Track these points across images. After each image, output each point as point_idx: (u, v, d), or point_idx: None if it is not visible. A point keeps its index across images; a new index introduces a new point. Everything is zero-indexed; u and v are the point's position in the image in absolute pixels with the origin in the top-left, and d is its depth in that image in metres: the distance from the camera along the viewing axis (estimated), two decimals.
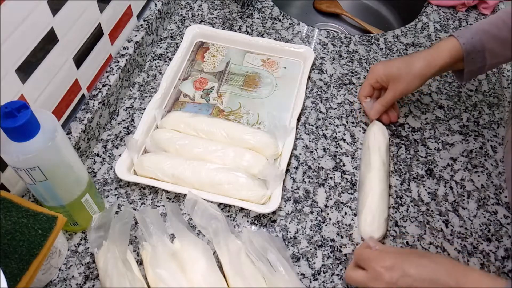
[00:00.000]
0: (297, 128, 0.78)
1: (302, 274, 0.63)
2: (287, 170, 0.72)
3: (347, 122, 0.80)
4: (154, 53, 0.89)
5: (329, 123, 0.79)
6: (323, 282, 0.62)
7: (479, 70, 0.71)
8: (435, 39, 0.94)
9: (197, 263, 0.59)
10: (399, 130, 0.79)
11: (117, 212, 0.66)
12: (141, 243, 0.62)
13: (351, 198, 0.70)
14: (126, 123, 0.78)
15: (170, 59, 0.88)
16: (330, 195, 0.71)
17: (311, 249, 0.65)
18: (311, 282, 0.62)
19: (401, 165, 0.75)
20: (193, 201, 0.62)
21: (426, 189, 0.72)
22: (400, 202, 0.70)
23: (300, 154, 0.75)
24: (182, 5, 0.98)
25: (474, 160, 0.76)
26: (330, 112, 0.81)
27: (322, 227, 0.67)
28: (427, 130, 0.79)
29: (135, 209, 0.68)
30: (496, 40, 0.68)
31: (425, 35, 0.95)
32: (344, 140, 0.77)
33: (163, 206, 0.68)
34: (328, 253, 0.65)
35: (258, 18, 0.96)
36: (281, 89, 0.84)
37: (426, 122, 0.80)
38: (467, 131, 0.79)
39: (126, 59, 0.79)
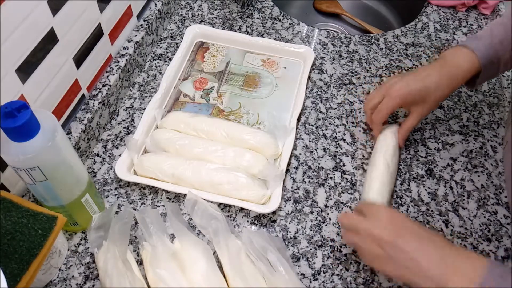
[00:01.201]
0: (297, 128, 0.78)
1: (302, 274, 0.63)
2: (287, 170, 0.72)
3: (347, 122, 0.80)
4: (154, 53, 0.89)
5: (329, 123, 0.79)
6: (323, 282, 0.62)
7: (491, 78, 0.71)
8: (435, 39, 0.94)
9: (197, 263, 0.59)
10: None
11: (117, 212, 0.66)
12: (141, 243, 0.62)
13: (351, 198, 0.70)
14: (126, 123, 0.78)
15: (170, 59, 0.88)
16: (330, 195, 0.71)
17: (311, 249, 0.65)
18: (311, 282, 0.62)
19: (401, 165, 0.74)
20: (193, 201, 0.62)
21: (426, 189, 0.72)
22: (400, 202, 0.70)
23: (300, 154, 0.75)
24: (182, 5, 0.98)
25: (474, 160, 0.76)
26: (330, 112, 0.81)
27: (322, 227, 0.67)
28: (427, 130, 0.79)
29: (135, 209, 0.68)
30: (509, 48, 0.67)
31: (425, 35, 0.95)
32: (344, 140, 0.77)
33: (163, 206, 0.68)
34: (328, 253, 0.65)
35: (258, 18, 0.96)
36: (281, 89, 0.84)
37: (426, 122, 0.80)
38: (467, 131, 0.79)
39: (126, 59, 0.79)
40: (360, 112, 0.81)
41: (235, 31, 0.93)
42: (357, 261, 0.64)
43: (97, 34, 0.73)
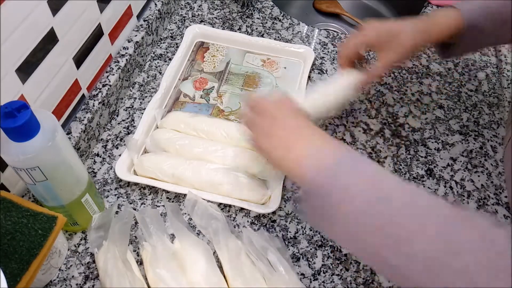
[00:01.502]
0: None
1: (302, 274, 0.63)
2: None
3: (347, 122, 0.80)
4: (154, 53, 0.89)
5: (329, 123, 0.79)
6: (323, 282, 0.62)
7: (470, 48, 0.67)
8: None
9: (197, 263, 0.59)
10: (399, 130, 0.79)
11: (117, 212, 0.66)
12: (141, 243, 0.62)
13: None
14: (126, 123, 0.78)
15: (170, 59, 0.88)
16: None
17: (311, 249, 0.65)
18: (311, 282, 0.62)
19: (401, 165, 0.75)
20: (193, 201, 0.62)
21: (426, 189, 0.72)
22: None
23: None
24: (182, 5, 0.98)
25: (474, 160, 0.76)
26: (330, 112, 0.81)
27: None
28: (427, 130, 0.79)
29: (135, 209, 0.68)
30: (499, 18, 0.62)
31: None
32: (344, 140, 0.77)
33: (163, 206, 0.68)
34: (328, 253, 0.65)
35: (258, 18, 0.96)
36: (281, 89, 0.84)
37: (426, 122, 0.80)
38: (467, 131, 0.79)
39: (126, 59, 0.79)
40: (360, 112, 0.81)
41: (235, 31, 0.93)
42: (357, 261, 0.64)
43: (97, 34, 0.73)
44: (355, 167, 0.46)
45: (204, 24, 0.94)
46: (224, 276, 0.59)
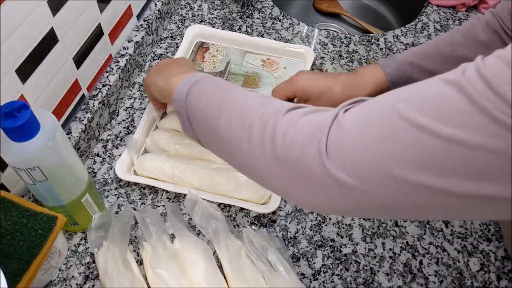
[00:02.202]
0: None
1: (302, 274, 0.63)
2: None
3: None
4: (154, 53, 0.89)
5: None
6: (323, 282, 0.62)
7: None
8: None
9: (197, 263, 0.59)
10: None
11: (117, 212, 0.66)
12: (141, 243, 0.62)
13: None
14: (126, 123, 0.78)
15: None
16: None
17: (311, 249, 0.65)
18: (311, 282, 0.62)
19: None
20: (193, 201, 0.62)
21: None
22: None
23: None
24: (182, 5, 0.98)
25: None
26: None
27: (322, 227, 0.67)
28: None
29: (135, 209, 0.68)
30: (422, 71, 0.65)
31: (425, 35, 0.95)
32: None
33: (163, 206, 0.68)
34: (328, 253, 0.65)
35: (258, 18, 0.96)
36: None
37: None
38: None
39: (126, 59, 0.79)
40: None
41: (235, 31, 0.93)
42: (357, 261, 0.64)
43: (97, 34, 0.73)
44: (209, 80, 0.54)
45: (204, 24, 0.94)
46: (224, 276, 0.60)
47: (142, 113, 0.77)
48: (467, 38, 0.64)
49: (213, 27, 0.93)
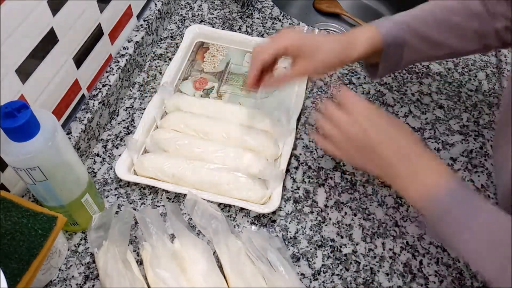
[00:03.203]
0: (297, 128, 0.78)
1: (302, 274, 0.63)
2: (287, 170, 0.72)
3: None
4: (154, 53, 0.89)
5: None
6: (323, 282, 0.62)
7: (394, 66, 0.66)
8: None
9: (197, 263, 0.59)
10: None
11: (117, 212, 0.66)
12: (141, 243, 0.62)
13: (351, 198, 0.70)
14: (126, 123, 0.78)
15: (170, 59, 0.88)
16: (330, 195, 0.71)
17: (311, 249, 0.65)
18: (311, 282, 0.62)
19: None
20: (193, 201, 0.62)
21: None
22: (400, 202, 0.70)
23: (300, 154, 0.75)
24: (182, 5, 0.98)
25: (474, 160, 0.76)
26: None
27: (322, 227, 0.67)
28: (427, 130, 0.79)
29: (135, 209, 0.68)
30: (419, 36, 0.63)
31: None
32: None
33: (163, 206, 0.68)
34: (328, 253, 0.65)
35: (258, 18, 0.96)
36: (281, 89, 0.84)
37: (426, 122, 0.80)
38: (467, 131, 0.79)
39: (126, 59, 0.79)
40: None
41: (235, 31, 0.93)
42: (357, 261, 0.64)
43: (97, 34, 0.73)
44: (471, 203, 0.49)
45: (204, 24, 0.94)
46: (224, 276, 0.59)
47: (142, 113, 0.77)
48: (462, 7, 0.63)
49: (213, 27, 0.93)
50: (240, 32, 0.93)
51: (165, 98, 0.78)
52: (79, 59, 0.70)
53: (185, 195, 0.65)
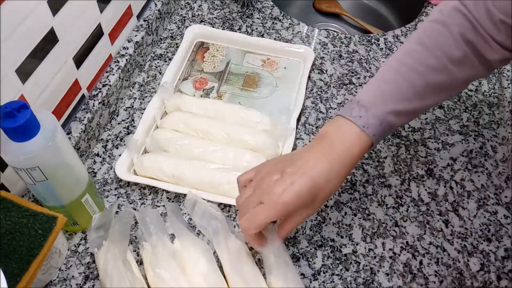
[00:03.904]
0: (297, 128, 0.78)
1: (302, 274, 0.63)
2: None
3: None
4: (154, 53, 0.89)
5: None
6: (323, 282, 0.62)
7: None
8: None
9: (197, 263, 0.59)
10: (399, 130, 0.79)
11: (117, 212, 0.66)
12: (141, 243, 0.62)
13: (351, 198, 0.70)
14: (126, 123, 0.78)
15: (170, 59, 0.88)
16: None
17: (311, 249, 0.65)
18: (311, 282, 0.62)
19: (401, 165, 0.75)
20: (193, 201, 0.62)
21: (426, 189, 0.72)
22: (400, 202, 0.70)
23: None
24: (182, 5, 0.98)
25: (474, 160, 0.76)
26: (330, 112, 0.81)
27: (322, 227, 0.67)
28: (427, 130, 0.79)
29: (135, 209, 0.68)
30: (405, 115, 0.55)
31: None
32: None
33: (163, 206, 0.68)
34: (328, 253, 0.65)
35: (258, 18, 0.96)
36: (281, 89, 0.84)
37: (426, 122, 0.80)
38: (467, 131, 0.79)
39: (126, 59, 0.79)
40: None
41: (235, 31, 0.93)
42: (357, 261, 0.64)
43: (97, 34, 0.73)
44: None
45: (204, 24, 0.94)
46: (224, 276, 0.59)
47: (142, 113, 0.77)
48: (440, 60, 0.53)
49: (213, 27, 0.93)
50: (240, 32, 0.93)
51: (165, 98, 0.78)
52: (79, 59, 0.70)
53: (185, 195, 0.65)
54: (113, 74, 0.77)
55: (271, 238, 0.56)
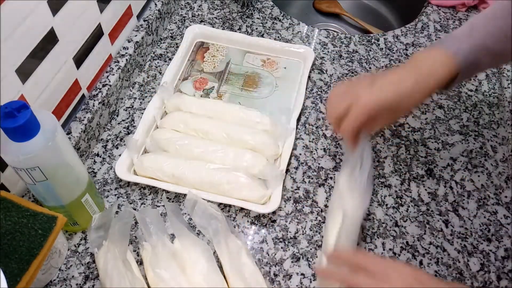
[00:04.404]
0: (297, 128, 0.78)
1: (302, 274, 0.63)
2: (287, 170, 0.72)
3: None
4: (154, 53, 0.89)
5: (330, 123, 0.79)
6: None
7: (465, 79, 0.66)
8: (435, 39, 0.94)
9: (197, 263, 0.59)
10: (399, 130, 0.79)
11: (117, 212, 0.66)
12: (141, 243, 0.62)
13: None
14: (126, 123, 0.78)
15: (170, 59, 0.88)
16: (330, 195, 0.71)
17: (311, 249, 0.65)
18: (311, 282, 0.62)
19: (401, 165, 0.75)
20: (193, 201, 0.62)
21: (426, 189, 0.72)
22: (400, 202, 0.70)
23: (300, 154, 0.75)
24: (182, 5, 0.98)
25: (474, 160, 0.76)
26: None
27: (322, 227, 0.67)
28: (427, 130, 0.79)
29: (135, 209, 0.68)
30: (489, 53, 0.59)
31: (425, 35, 0.95)
32: (343, 140, 0.77)
33: (163, 206, 0.68)
34: None
35: (258, 18, 0.96)
36: (281, 89, 0.84)
37: (426, 122, 0.80)
38: (467, 131, 0.79)
39: (126, 59, 0.79)
40: None
41: (235, 31, 0.93)
42: None
43: (97, 34, 0.73)
44: None
45: (204, 24, 0.94)
46: (224, 276, 0.60)
47: (142, 113, 0.77)
48: None
49: (213, 27, 0.93)
50: (240, 32, 0.93)
51: (165, 98, 0.78)
52: (79, 59, 0.70)
53: (185, 195, 0.65)
54: (113, 74, 0.77)
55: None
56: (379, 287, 0.47)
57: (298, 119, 0.79)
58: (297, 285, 0.62)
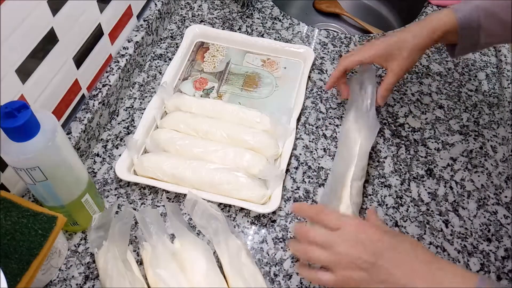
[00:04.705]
0: (297, 128, 0.78)
1: None
2: (287, 170, 0.72)
3: None
4: (154, 53, 0.89)
5: (329, 123, 0.79)
6: None
7: (471, 47, 0.69)
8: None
9: (197, 263, 0.59)
10: (399, 130, 0.79)
11: (117, 212, 0.66)
12: (141, 243, 0.62)
13: None
14: (126, 123, 0.78)
15: (170, 59, 0.88)
16: None
17: None
18: (311, 282, 0.62)
19: (401, 165, 0.75)
20: (193, 201, 0.62)
21: (426, 189, 0.72)
22: (400, 202, 0.70)
23: (300, 154, 0.75)
24: (182, 5, 0.98)
25: (474, 160, 0.76)
26: (330, 112, 0.81)
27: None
28: (427, 130, 0.79)
29: (135, 209, 0.68)
30: (495, 19, 0.65)
31: None
32: None
33: (163, 206, 0.68)
34: None
35: (258, 18, 0.96)
36: (281, 89, 0.84)
37: (426, 122, 0.80)
38: (467, 131, 0.79)
39: (126, 59, 0.79)
40: None
41: (235, 31, 0.93)
42: None
43: (97, 34, 0.73)
44: None
45: (204, 24, 0.94)
46: (224, 276, 0.59)
47: (142, 113, 0.77)
48: None
49: (213, 27, 0.93)
50: (240, 32, 0.93)
51: (165, 98, 0.78)
52: (79, 59, 0.70)
53: (185, 195, 0.65)
54: (113, 74, 0.77)
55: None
56: (332, 258, 0.50)
57: (298, 119, 0.79)
58: (297, 285, 0.62)
